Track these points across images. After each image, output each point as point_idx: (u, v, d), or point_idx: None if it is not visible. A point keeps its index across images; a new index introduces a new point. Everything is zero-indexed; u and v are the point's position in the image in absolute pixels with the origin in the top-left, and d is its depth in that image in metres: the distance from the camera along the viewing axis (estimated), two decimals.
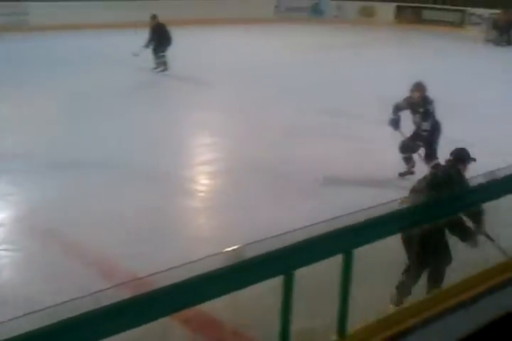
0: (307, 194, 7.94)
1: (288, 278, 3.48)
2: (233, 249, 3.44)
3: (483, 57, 20.47)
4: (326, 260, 3.70)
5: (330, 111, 12.20)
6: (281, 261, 3.48)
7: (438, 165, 7.29)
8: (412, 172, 8.45)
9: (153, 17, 15.66)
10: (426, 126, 8.27)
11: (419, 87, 8.30)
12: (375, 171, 8.77)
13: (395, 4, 28.53)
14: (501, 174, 4.96)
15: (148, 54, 15.28)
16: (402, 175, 8.54)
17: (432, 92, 8.42)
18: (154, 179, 8.21)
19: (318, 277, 4.26)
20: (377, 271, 5.13)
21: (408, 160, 8.59)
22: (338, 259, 3.75)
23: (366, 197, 6.75)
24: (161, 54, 15.50)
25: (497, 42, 23.08)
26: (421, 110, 8.29)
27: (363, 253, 3.86)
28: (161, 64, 15.54)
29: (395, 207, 4.42)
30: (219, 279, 3.24)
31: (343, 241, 3.83)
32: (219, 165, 9.23)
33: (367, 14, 29.09)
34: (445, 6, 27.37)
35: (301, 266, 3.54)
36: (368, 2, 29.26)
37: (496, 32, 23.47)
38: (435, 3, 28.04)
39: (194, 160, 9.72)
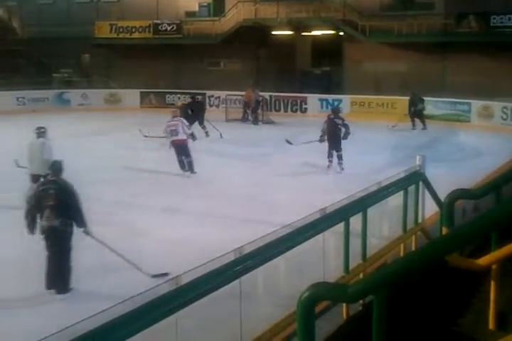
0: None
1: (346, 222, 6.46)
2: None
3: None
4: None
5: None
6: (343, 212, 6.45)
7: None
8: None
9: None
10: None
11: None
12: None
13: (139, 90, 29.52)
14: None
15: None
16: None
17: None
18: None
19: None
20: None
21: None
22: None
23: None
24: None
25: (245, 121, 24.91)
26: None
27: None
28: None
29: None
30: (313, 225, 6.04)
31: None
32: None
33: (113, 101, 29.65)
34: (185, 90, 28.89)
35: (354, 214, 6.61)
36: (113, 90, 29.93)
37: (246, 111, 25.22)
38: (178, 88, 29.53)
39: None
